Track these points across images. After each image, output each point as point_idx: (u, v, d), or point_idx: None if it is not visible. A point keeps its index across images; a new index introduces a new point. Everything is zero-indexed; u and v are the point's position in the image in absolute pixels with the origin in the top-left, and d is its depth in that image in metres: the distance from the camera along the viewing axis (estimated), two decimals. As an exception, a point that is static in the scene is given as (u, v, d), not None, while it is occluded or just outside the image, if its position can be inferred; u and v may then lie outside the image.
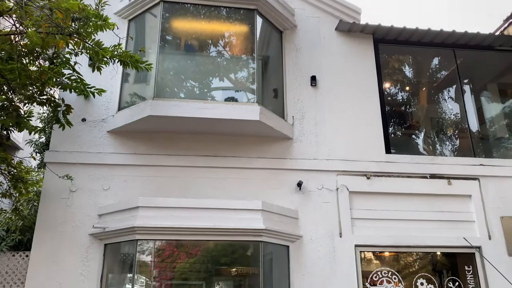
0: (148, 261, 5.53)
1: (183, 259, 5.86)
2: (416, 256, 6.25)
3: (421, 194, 6.30)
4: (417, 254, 6.23)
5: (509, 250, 6.08)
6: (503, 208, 6.29)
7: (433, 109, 7.90)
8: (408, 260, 6.25)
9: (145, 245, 5.51)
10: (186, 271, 5.86)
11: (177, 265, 5.76)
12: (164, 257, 5.77)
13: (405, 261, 6.26)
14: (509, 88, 8.15)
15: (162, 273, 5.57)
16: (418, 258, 6.26)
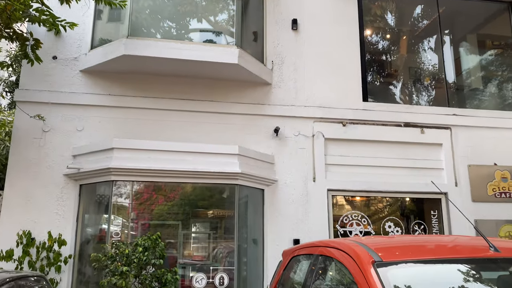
0: (126, 203, 5.58)
1: (161, 202, 5.93)
2: (386, 201, 6.51)
3: (394, 142, 6.45)
4: (387, 199, 6.48)
5: (473, 196, 6.39)
6: (471, 156, 6.53)
7: (412, 58, 7.89)
8: (378, 205, 6.51)
9: (123, 188, 5.53)
10: (164, 213, 5.96)
11: (155, 208, 5.84)
12: (143, 200, 5.82)
13: (375, 206, 6.52)
14: (488, 40, 8.18)
15: (140, 215, 5.65)
16: (387, 203, 6.52)
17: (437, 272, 1.98)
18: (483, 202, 6.38)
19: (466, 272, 2.02)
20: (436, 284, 1.90)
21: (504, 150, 6.63)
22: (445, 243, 2.44)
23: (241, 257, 5.51)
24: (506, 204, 6.41)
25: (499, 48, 7.99)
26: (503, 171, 6.51)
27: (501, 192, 6.43)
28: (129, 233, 5.43)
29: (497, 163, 6.55)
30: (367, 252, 2.08)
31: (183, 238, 5.74)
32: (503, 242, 2.27)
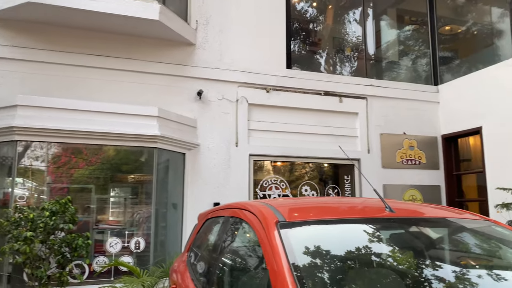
0: (39, 166, 5.16)
1: (83, 166, 5.58)
2: (305, 166, 6.75)
3: (315, 110, 6.63)
4: (305, 164, 6.72)
5: (383, 163, 6.85)
6: (383, 125, 6.94)
7: (336, 28, 8.07)
8: (297, 169, 6.73)
9: (37, 150, 5.09)
10: (83, 178, 5.63)
11: (75, 172, 5.48)
12: (60, 163, 5.43)
13: (294, 171, 6.73)
14: (406, 15, 8.58)
15: (58, 179, 5.28)
16: (306, 168, 6.76)
17: (336, 231, 2.07)
18: (392, 168, 6.87)
19: (363, 231, 2.14)
20: (334, 241, 2.00)
21: (413, 121, 7.14)
22: (346, 204, 2.57)
23: (159, 221, 5.44)
24: (412, 170, 6.97)
25: (416, 24, 8.43)
26: (411, 140, 7.03)
27: (407, 159, 6.96)
28: (41, 197, 5.07)
29: (406, 133, 7.05)
30: (273, 212, 2.11)
31: (99, 203, 5.50)
32: (399, 204, 2.44)
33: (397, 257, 2.02)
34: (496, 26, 7.62)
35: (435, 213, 2.36)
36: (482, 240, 2.31)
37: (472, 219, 2.35)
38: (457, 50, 8.50)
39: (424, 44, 7.99)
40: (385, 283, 1.83)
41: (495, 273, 2.09)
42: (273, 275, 1.69)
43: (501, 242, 2.27)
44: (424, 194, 6.95)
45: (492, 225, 2.33)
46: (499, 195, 5.74)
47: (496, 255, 2.27)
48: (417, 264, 1.98)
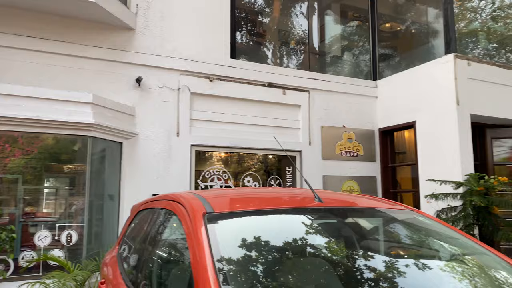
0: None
1: (18, 156, 5.18)
2: (247, 158, 6.75)
3: (258, 101, 6.63)
4: (248, 155, 6.71)
5: (323, 155, 7.00)
6: (324, 118, 7.09)
7: (282, 21, 8.10)
8: (240, 160, 6.71)
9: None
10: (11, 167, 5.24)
11: (9, 162, 5.07)
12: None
13: (237, 162, 6.71)
14: (349, 11, 8.80)
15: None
16: (249, 159, 6.77)
17: (264, 221, 2.06)
18: (331, 160, 7.05)
19: (292, 221, 2.15)
20: (262, 232, 1.98)
21: (353, 114, 7.36)
22: (278, 195, 2.58)
23: (94, 213, 5.20)
24: (350, 162, 7.20)
25: (358, 20, 8.67)
26: (349, 132, 7.25)
27: (346, 151, 7.17)
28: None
29: (346, 125, 7.25)
30: (201, 203, 2.06)
31: (28, 194, 5.15)
32: (328, 194, 2.48)
33: (324, 247, 2.04)
34: (432, 25, 8.02)
35: (363, 203, 2.43)
36: (406, 229, 2.41)
37: (397, 209, 2.45)
38: (396, 47, 8.86)
39: (365, 40, 8.24)
40: (311, 273, 1.85)
41: (417, 261, 2.18)
42: (195, 269, 1.64)
43: (423, 231, 2.38)
44: (361, 185, 7.21)
45: (415, 214, 2.43)
46: (429, 186, 6.08)
47: (419, 243, 2.38)
48: (342, 253, 2.02)
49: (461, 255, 2.21)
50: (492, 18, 8.24)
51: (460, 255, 2.21)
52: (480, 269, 2.08)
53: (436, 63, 6.51)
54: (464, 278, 1.97)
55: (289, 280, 1.72)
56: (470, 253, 2.19)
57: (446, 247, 2.27)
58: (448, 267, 2.08)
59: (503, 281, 1.95)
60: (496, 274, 2.03)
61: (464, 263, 2.15)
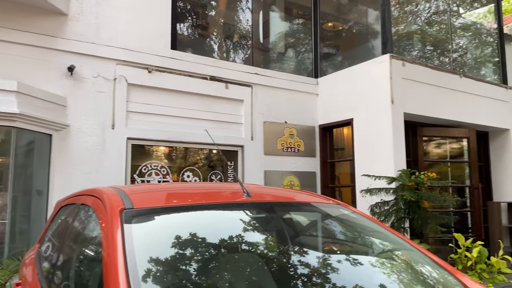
0: None
1: None
2: (188, 152, 6.61)
3: (200, 94, 6.51)
4: (189, 150, 6.58)
5: (265, 150, 7.02)
6: (267, 114, 7.11)
7: (227, 14, 8.01)
8: (180, 155, 6.56)
9: None
10: None
11: None
12: None
13: (177, 156, 6.55)
14: (293, 8, 8.88)
15: None
16: (189, 153, 6.63)
17: (188, 217, 1.99)
18: (273, 155, 7.09)
19: (217, 216, 2.09)
20: (184, 227, 1.91)
21: (294, 110, 7.44)
22: (206, 189, 2.51)
23: (18, 209, 4.84)
24: (291, 157, 7.28)
25: (302, 17, 8.77)
26: (291, 128, 7.32)
27: (288, 147, 7.25)
28: None
29: (287, 121, 7.32)
30: (120, 199, 1.95)
31: None
32: (258, 188, 2.46)
33: (248, 242, 2.01)
34: (371, 26, 8.27)
35: (290, 197, 2.43)
36: (332, 222, 2.43)
37: (324, 203, 2.47)
38: (338, 46, 9.07)
39: (308, 38, 8.36)
40: (233, 269, 1.80)
41: (340, 255, 2.21)
42: (107, 268, 1.54)
43: (348, 225, 2.42)
44: (302, 180, 7.32)
45: (341, 208, 2.47)
46: (365, 181, 6.28)
47: (344, 237, 2.41)
48: (267, 247, 2.00)
49: (384, 249, 2.27)
50: (427, 23, 8.66)
51: (383, 249, 2.27)
52: (401, 262, 2.15)
53: (373, 62, 6.73)
54: (386, 272, 2.02)
55: (208, 278, 1.66)
56: (393, 247, 2.25)
57: (369, 240, 2.32)
58: (370, 261, 2.12)
59: (419, 271, 2.02)
60: (416, 266, 2.10)
61: (387, 256, 2.21)
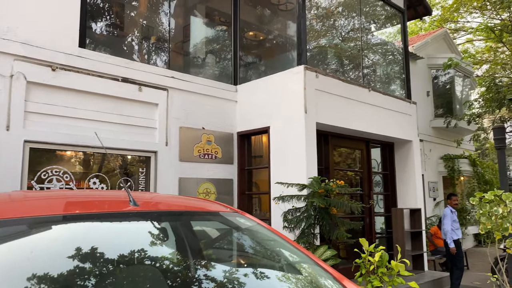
0: None
1: None
2: (96, 157, 6.21)
3: (110, 96, 6.16)
4: (97, 155, 6.18)
5: (181, 156, 6.83)
6: (183, 119, 6.94)
7: (145, 15, 7.72)
8: (87, 160, 6.14)
9: None
10: None
11: None
12: None
13: (83, 161, 6.12)
14: (215, 14, 8.83)
15: None
16: (97, 159, 6.24)
17: (57, 230, 1.78)
18: (189, 161, 6.93)
19: (96, 228, 1.91)
20: (50, 241, 1.71)
21: (213, 116, 7.35)
22: (89, 198, 2.32)
23: None
24: (208, 164, 7.17)
25: (223, 24, 8.75)
26: (209, 134, 7.22)
27: (205, 154, 7.13)
28: None
29: (205, 127, 7.21)
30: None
31: None
32: (146, 196, 2.31)
33: (126, 257, 1.85)
34: (289, 38, 8.48)
35: (184, 206, 2.31)
36: (225, 231, 2.36)
37: (221, 211, 2.39)
38: (257, 54, 9.18)
39: (228, 45, 8.35)
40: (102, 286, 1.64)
41: (232, 264, 2.14)
42: None
43: (244, 234, 2.37)
44: (218, 187, 7.24)
45: (238, 216, 2.41)
46: (280, 188, 6.37)
47: (238, 246, 2.35)
48: (150, 260, 1.86)
49: (276, 258, 2.24)
50: (342, 39, 9.10)
51: (276, 258, 2.24)
52: (290, 271, 2.13)
53: (289, 72, 6.89)
54: (272, 281, 1.98)
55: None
56: (285, 256, 2.23)
57: (264, 250, 2.28)
58: (261, 271, 2.08)
59: (307, 280, 2.01)
60: (304, 274, 2.09)
61: (278, 265, 2.18)
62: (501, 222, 4.28)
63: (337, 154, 8.11)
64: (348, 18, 9.01)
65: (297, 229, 6.00)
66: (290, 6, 8.16)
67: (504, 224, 4.29)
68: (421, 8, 10.16)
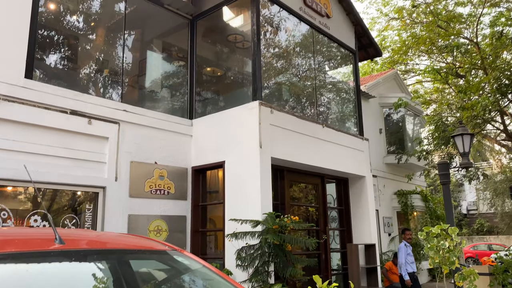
0: None
1: None
2: (40, 193, 5.86)
3: (58, 129, 5.91)
4: (41, 190, 5.84)
5: (131, 192, 6.58)
6: (134, 153, 6.74)
7: (103, 49, 7.61)
8: (28, 196, 5.78)
9: None
10: None
11: None
12: None
13: (26, 198, 5.76)
14: (172, 49, 8.86)
15: None
16: (41, 194, 5.89)
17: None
18: (139, 197, 6.68)
19: (17, 269, 1.73)
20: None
21: (166, 151, 7.20)
22: (13, 235, 2.13)
23: None
24: (160, 200, 6.94)
25: (180, 59, 8.77)
26: (161, 169, 7.04)
27: (156, 189, 6.91)
28: None
29: (158, 162, 7.03)
30: None
31: None
32: (74, 234, 2.15)
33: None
34: (246, 73, 8.60)
35: (117, 244, 2.17)
36: (164, 268, 2.23)
37: (158, 249, 2.26)
38: (214, 89, 9.22)
39: (185, 79, 8.34)
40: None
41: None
42: None
43: (182, 272, 2.24)
44: (170, 224, 6.99)
45: (176, 254, 2.28)
46: (234, 225, 6.22)
47: (175, 283, 2.22)
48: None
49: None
50: (297, 77, 9.34)
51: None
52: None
53: (245, 108, 6.93)
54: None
55: None
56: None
57: None
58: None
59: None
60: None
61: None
62: (448, 256, 4.36)
63: (293, 189, 8.12)
64: (303, 57, 9.30)
65: (251, 267, 5.83)
66: (246, 44, 8.32)
67: (451, 258, 4.36)
68: (371, 50, 10.68)
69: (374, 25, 20.05)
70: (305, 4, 8.44)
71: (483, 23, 18.70)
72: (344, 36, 9.69)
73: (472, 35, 16.82)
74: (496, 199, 24.38)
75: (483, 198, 28.88)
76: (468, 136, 7.28)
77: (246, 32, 7.97)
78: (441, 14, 16.70)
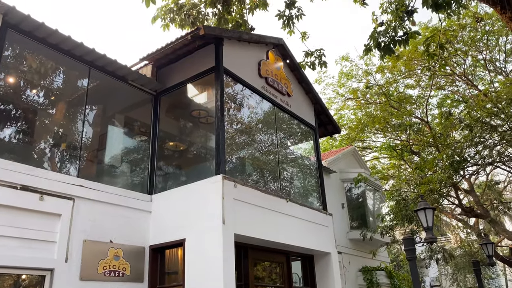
0: None
1: None
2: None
3: (5, 206, 5.48)
4: (-23, 275, 5.24)
5: (82, 274, 6.04)
6: (89, 231, 6.30)
7: (64, 123, 7.43)
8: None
9: None
10: None
11: None
12: None
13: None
14: (133, 124, 8.79)
15: None
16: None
17: None
18: (91, 280, 6.12)
19: None
20: None
21: (123, 228, 6.79)
22: None
23: None
24: (113, 283, 6.39)
25: (142, 134, 8.68)
26: (117, 249, 6.58)
27: (111, 271, 6.39)
28: None
29: (113, 241, 6.59)
30: None
31: None
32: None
33: None
34: (209, 148, 8.58)
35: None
36: None
37: None
38: (176, 164, 9.08)
39: (145, 154, 8.17)
40: None
41: None
42: None
43: None
44: (124, 310, 6.38)
45: None
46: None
47: None
48: None
49: None
50: (261, 151, 9.44)
51: None
52: None
53: (208, 181, 6.79)
54: None
55: None
56: None
57: None
58: None
59: None
60: None
61: None
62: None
63: (257, 268, 7.76)
64: (266, 133, 9.48)
65: None
66: (210, 119, 8.41)
67: None
68: (330, 127, 11.08)
69: (332, 104, 21.14)
70: (267, 83, 8.78)
71: (432, 104, 20.18)
72: (304, 114, 10.05)
73: (422, 115, 18.00)
74: (458, 274, 24.44)
75: (445, 273, 28.93)
76: (430, 210, 7.40)
77: (210, 108, 8.09)
78: (393, 95, 17.92)
